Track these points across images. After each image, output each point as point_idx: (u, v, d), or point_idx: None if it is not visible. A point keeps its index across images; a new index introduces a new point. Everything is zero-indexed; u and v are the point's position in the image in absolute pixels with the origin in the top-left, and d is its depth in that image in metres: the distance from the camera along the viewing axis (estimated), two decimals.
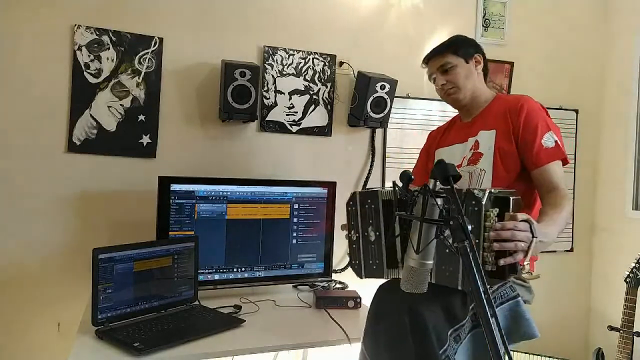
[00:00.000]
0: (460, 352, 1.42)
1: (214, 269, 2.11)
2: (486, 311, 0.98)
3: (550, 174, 1.61)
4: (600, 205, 3.00)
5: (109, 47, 2.16)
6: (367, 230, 1.51)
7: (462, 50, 1.78)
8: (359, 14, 2.55)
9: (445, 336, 1.37)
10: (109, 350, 1.57)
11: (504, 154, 1.65)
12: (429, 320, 1.35)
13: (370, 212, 1.50)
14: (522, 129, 1.64)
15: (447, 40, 1.83)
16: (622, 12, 2.91)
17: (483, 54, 1.82)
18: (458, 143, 1.82)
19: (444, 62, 1.77)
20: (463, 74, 1.76)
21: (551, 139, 1.63)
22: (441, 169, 1.10)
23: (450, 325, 1.40)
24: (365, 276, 1.53)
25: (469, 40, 1.85)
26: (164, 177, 2.03)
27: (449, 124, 1.97)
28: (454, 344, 1.40)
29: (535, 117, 1.64)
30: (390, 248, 1.47)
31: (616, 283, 2.49)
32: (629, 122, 2.81)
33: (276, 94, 2.40)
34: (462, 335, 1.43)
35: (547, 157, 1.61)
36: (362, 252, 1.53)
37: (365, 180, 2.57)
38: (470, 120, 1.83)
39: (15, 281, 2.08)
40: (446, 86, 1.78)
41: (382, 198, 1.48)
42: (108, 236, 2.14)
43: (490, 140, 1.69)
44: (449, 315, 1.40)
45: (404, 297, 1.36)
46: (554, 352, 2.72)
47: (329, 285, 2.33)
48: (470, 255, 1.01)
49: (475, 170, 1.69)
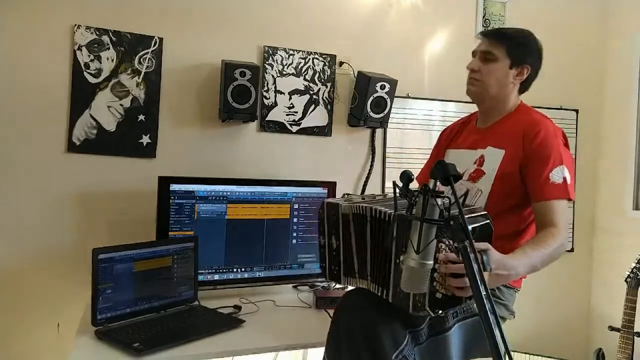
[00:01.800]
0: (419, 353, 1.40)
1: (214, 269, 2.11)
2: (486, 311, 0.97)
3: (550, 210, 1.52)
4: (601, 205, 3.00)
5: (109, 47, 2.15)
6: (331, 237, 1.59)
7: (517, 52, 1.65)
8: (359, 14, 2.55)
9: (402, 337, 1.35)
10: (109, 351, 1.56)
11: (506, 178, 1.59)
12: (382, 326, 1.33)
13: (333, 222, 1.58)
14: (532, 157, 1.56)
15: (513, 32, 1.70)
16: (621, 12, 2.91)
17: (537, 68, 1.69)
18: (467, 149, 1.76)
19: (491, 51, 1.65)
20: (497, 75, 1.65)
21: (560, 174, 1.53)
22: (441, 169, 1.09)
23: (406, 327, 1.39)
24: (328, 278, 1.62)
25: (532, 47, 1.69)
26: (163, 177, 2.03)
27: (462, 123, 1.89)
28: (411, 344, 1.38)
29: (549, 147, 1.55)
30: (347, 257, 1.54)
31: (616, 283, 2.48)
32: (629, 122, 2.81)
33: (276, 94, 2.40)
34: (420, 338, 1.41)
35: (551, 193, 1.53)
36: (327, 257, 1.62)
37: (365, 180, 2.57)
38: (484, 127, 1.75)
39: (15, 281, 2.07)
40: (473, 74, 1.68)
41: (342, 212, 1.54)
42: (108, 236, 2.14)
43: (496, 161, 1.62)
44: (405, 320, 1.38)
45: (362, 305, 1.40)
46: (554, 352, 2.72)
47: (328, 285, 2.33)
48: (471, 255, 1.01)
49: (473, 188, 1.64)
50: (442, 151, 1.90)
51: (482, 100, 1.72)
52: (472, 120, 1.86)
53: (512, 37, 1.68)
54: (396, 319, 1.37)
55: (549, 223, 1.51)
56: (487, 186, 1.62)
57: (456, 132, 1.89)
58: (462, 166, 1.68)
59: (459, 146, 1.81)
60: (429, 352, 1.43)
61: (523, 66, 1.67)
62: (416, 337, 1.41)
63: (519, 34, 1.70)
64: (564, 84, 2.91)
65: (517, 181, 1.59)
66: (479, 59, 1.68)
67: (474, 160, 1.70)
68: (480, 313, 0.98)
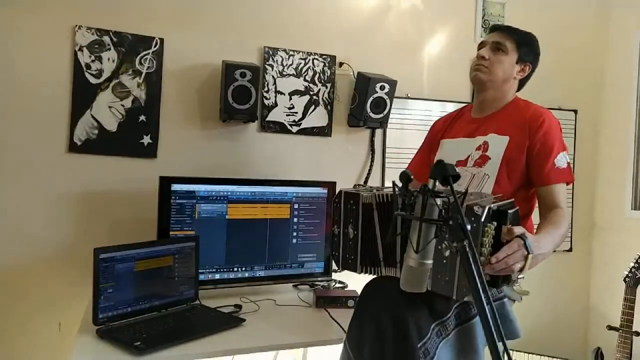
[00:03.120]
0: (444, 347, 1.43)
1: (215, 268, 2.12)
2: (485, 311, 0.98)
3: (555, 193, 1.64)
4: (600, 205, 3.01)
5: (109, 47, 2.16)
6: (347, 227, 1.61)
7: (524, 49, 1.75)
8: (358, 15, 2.56)
9: (427, 329, 1.39)
10: (110, 350, 1.57)
11: (511, 164, 1.66)
12: (411, 315, 1.37)
13: (352, 211, 1.60)
14: (539, 145, 1.65)
15: (523, 31, 1.79)
16: (621, 12, 2.92)
17: (534, 70, 1.80)
18: (465, 137, 1.80)
19: (503, 42, 1.74)
20: (503, 66, 1.73)
21: (564, 159, 1.66)
22: (440, 169, 1.10)
23: (433, 319, 1.42)
24: (341, 268, 1.65)
25: (536, 49, 1.80)
26: (164, 177, 2.04)
27: (456, 115, 1.94)
28: (435, 337, 1.41)
29: (554, 136, 1.66)
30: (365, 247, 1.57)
31: (615, 283, 2.49)
32: (628, 122, 2.81)
33: (276, 95, 2.41)
34: (446, 330, 1.45)
35: (557, 177, 1.64)
36: (341, 246, 1.64)
37: (365, 180, 2.58)
38: (481, 117, 1.80)
39: (17, 281, 2.08)
40: (483, 61, 1.74)
41: (363, 202, 1.57)
42: (109, 236, 2.14)
43: (501, 146, 1.68)
44: (431, 310, 1.43)
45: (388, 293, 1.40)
46: (553, 351, 2.73)
47: (329, 284, 2.34)
48: (470, 255, 1.02)
49: (479, 173, 1.69)
50: (435, 143, 1.91)
51: (485, 88, 1.77)
52: (465, 112, 1.90)
53: (521, 34, 1.78)
54: (423, 308, 1.41)
55: (555, 205, 1.63)
56: (493, 170, 1.67)
57: (449, 123, 1.92)
58: (460, 153, 1.76)
59: (455, 135, 1.85)
60: (458, 341, 1.47)
61: (526, 64, 1.77)
62: (443, 328, 1.44)
63: (527, 34, 1.80)
64: (563, 85, 2.92)
65: (522, 166, 1.67)
66: (489, 48, 1.75)
67: (475, 146, 1.74)
68: (480, 313, 0.99)
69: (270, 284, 2.24)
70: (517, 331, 1.56)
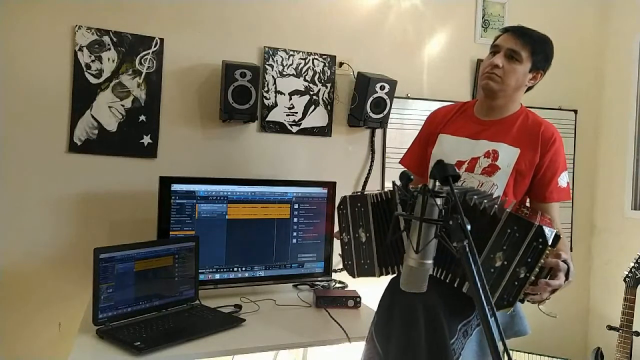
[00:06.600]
0: (467, 347, 1.44)
1: (215, 268, 2.12)
2: (485, 310, 0.98)
3: (552, 211, 1.66)
4: (600, 205, 3.01)
5: (109, 47, 2.16)
6: (357, 231, 1.56)
7: (539, 57, 1.66)
8: (358, 15, 2.56)
9: (455, 329, 1.40)
10: (110, 350, 1.57)
11: (519, 176, 1.66)
12: (442, 311, 1.38)
13: (360, 214, 1.55)
14: (547, 164, 1.65)
15: (538, 36, 1.68)
16: (621, 12, 2.92)
17: (546, 72, 1.72)
18: (467, 137, 1.73)
19: (518, 50, 1.62)
20: (517, 76, 1.65)
21: (565, 178, 1.68)
22: (440, 169, 1.10)
23: (459, 320, 1.43)
24: (357, 275, 1.58)
25: (550, 55, 1.70)
26: (164, 177, 2.04)
27: (458, 109, 1.84)
28: (462, 338, 1.43)
29: (561, 154, 1.67)
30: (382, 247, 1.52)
31: (615, 283, 2.50)
32: (627, 122, 2.82)
33: (276, 95, 2.41)
34: (470, 330, 1.46)
35: (558, 196, 1.67)
36: (353, 253, 1.58)
37: (365, 180, 2.58)
38: (486, 119, 1.73)
39: (16, 281, 2.08)
40: (496, 69, 1.64)
41: (371, 201, 1.54)
42: (109, 236, 2.15)
43: (512, 158, 1.65)
44: (458, 309, 1.43)
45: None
46: (553, 351, 2.73)
47: (329, 284, 2.34)
48: (470, 255, 1.02)
49: (488, 182, 1.66)
50: (433, 136, 1.82)
51: (496, 97, 1.69)
52: (468, 109, 1.81)
53: (537, 41, 1.66)
54: (452, 307, 1.41)
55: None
56: (502, 181, 1.66)
57: (450, 117, 1.83)
58: (460, 154, 1.70)
59: (456, 133, 1.76)
60: (478, 340, 1.49)
61: (539, 71, 1.69)
62: (469, 328, 1.46)
63: (543, 39, 1.70)
64: (563, 85, 2.91)
65: (528, 180, 1.67)
66: (503, 56, 1.64)
67: (483, 152, 1.69)
68: (480, 312, 0.99)
69: (270, 284, 2.24)
70: (526, 328, 1.60)
